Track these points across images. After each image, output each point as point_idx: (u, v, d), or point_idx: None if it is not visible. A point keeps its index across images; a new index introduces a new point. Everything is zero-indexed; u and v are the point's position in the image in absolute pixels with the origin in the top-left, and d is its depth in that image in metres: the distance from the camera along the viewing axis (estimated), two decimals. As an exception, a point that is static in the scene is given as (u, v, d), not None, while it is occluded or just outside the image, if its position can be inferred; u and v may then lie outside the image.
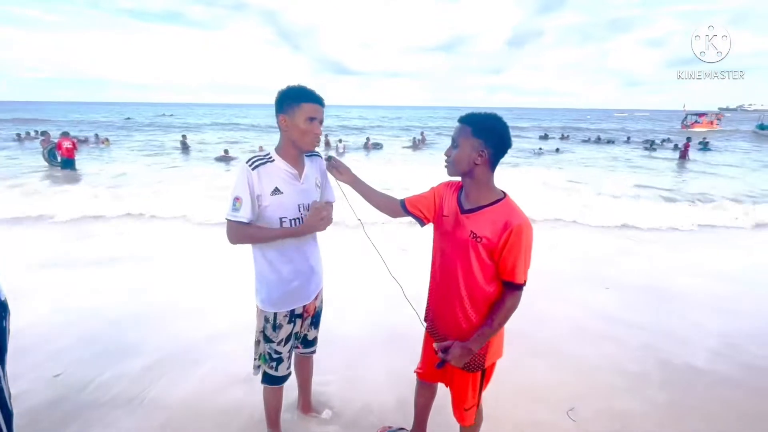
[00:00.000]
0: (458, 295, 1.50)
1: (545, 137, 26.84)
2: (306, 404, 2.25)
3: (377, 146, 20.14)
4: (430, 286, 1.68)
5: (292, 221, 1.65)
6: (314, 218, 1.62)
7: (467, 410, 1.63)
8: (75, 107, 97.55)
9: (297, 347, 1.98)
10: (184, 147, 17.44)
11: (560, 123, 43.83)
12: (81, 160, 13.52)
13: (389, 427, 2.15)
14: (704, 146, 19.27)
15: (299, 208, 1.66)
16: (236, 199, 1.57)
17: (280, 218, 1.63)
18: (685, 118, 37.73)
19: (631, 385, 2.57)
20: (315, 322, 1.98)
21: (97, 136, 19.77)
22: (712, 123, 35.45)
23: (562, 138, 26.42)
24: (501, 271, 1.41)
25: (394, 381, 2.53)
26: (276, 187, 1.60)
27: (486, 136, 1.38)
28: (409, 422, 2.06)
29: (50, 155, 11.41)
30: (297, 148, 1.63)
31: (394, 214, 1.74)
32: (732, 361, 2.86)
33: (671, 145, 20.87)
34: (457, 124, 1.45)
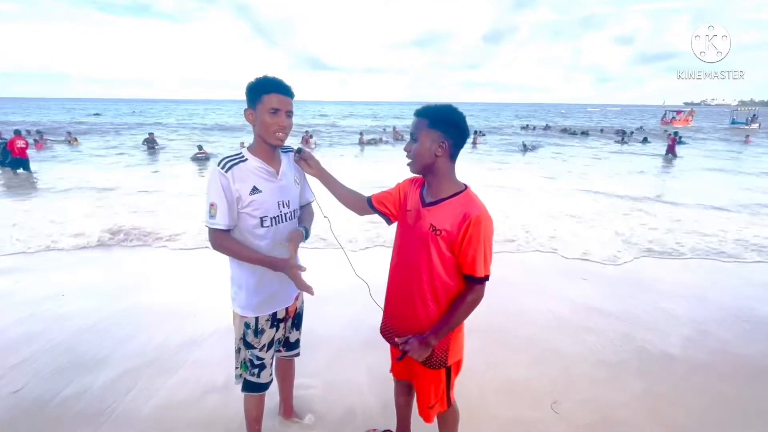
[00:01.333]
0: (420, 292, 1.46)
1: (527, 127, 30.29)
2: (288, 409, 2.18)
3: (373, 142, 19.14)
4: (387, 285, 1.63)
5: (273, 219, 1.59)
6: (291, 270, 1.51)
7: (431, 408, 1.60)
8: (34, 103, 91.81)
9: (279, 350, 1.91)
10: (151, 146, 16.31)
11: (540, 120, 44.37)
12: (48, 159, 12.86)
13: (374, 430, 2.11)
14: (679, 140, 20.28)
15: (279, 205, 1.60)
16: (211, 205, 1.49)
17: (261, 218, 1.56)
18: (665, 114, 39.14)
19: (611, 376, 2.62)
20: (297, 324, 1.92)
21: (69, 133, 18.92)
22: (687, 120, 36.99)
23: (546, 128, 29.66)
24: (461, 264, 1.39)
25: (377, 382, 2.48)
26: (254, 186, 1.53)
27: (444, 127, 1.36)
28: (394, 424, 2.01)
29: (2, 155, 10.35)
30: (267, 144, 1.56)
31: (361, 212, 1.70)
32: (704, 347, 2.95)
33: (640, 137, 22.35)
34: (413, 118, 1.42)
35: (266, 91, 1.47)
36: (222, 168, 1.49)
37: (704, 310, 3.52)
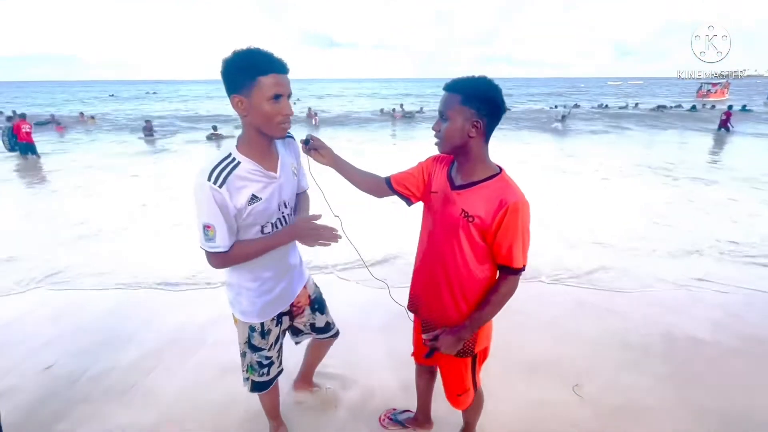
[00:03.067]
0: (446, 281, 1.38)
1: (555, 107, 28.11)
2: (307, 380, 2.21)
3: (409, 115, 17.16)
4: (414, 271, 1.56)
5: (273, 225, 1.42)
6: (305, 227, 1.36)
7: (460, 395, 1.57)
8: (48, 87, 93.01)
9: (310, 334, 1.85)
10: (149, 134, 14.84)
11: (562, 98, 41.88)
12: (65, 141, 13.11)
13: (394, 410, 2.12)
14: (743, 108, 18.69)
15: (280, 207, 1.42)
16: (206, 227, 1.26)
17: (261, 226, 1.39)
18: (701, 87, 36.77)
19: (634, 359, 2.55)
20: (319, 309, 1.83)
21: (82, 114, 19.02)
22: (723, 92, 34.87)
23: (576, 106, 27.42)
24: (496, 253, 1.29)
25: (396, 363, 2.48)
26: (252, 195, 1.31)
27: (478, 104, 1.20)
28: (414, 404, 2.01)
29: (11, 138, 10.08)
30: (265, 136, 1.30)
31: (379, 194, 1.59)
32: (733, 331, 2.85)
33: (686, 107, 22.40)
34: (443, 92, 1.26)
35: (262, 72, 1.16)
36: (214, 183, 1.22)
37: (733, 294, 3.39)
